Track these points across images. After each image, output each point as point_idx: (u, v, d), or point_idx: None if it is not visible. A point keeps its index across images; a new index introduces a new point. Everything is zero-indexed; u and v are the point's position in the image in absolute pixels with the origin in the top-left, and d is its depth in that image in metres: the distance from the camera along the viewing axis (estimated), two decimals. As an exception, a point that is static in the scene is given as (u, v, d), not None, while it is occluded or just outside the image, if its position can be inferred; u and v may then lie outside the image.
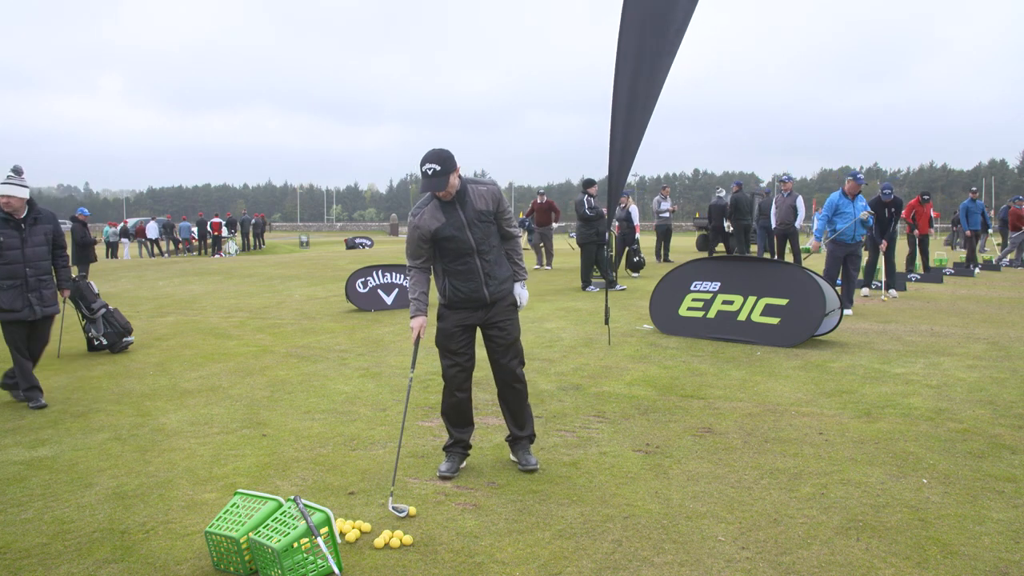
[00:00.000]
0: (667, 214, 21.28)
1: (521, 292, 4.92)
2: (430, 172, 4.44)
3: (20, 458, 5.32)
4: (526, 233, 21.89)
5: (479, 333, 4.88)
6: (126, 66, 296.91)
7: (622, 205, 17.35)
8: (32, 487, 4.73)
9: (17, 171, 6.59)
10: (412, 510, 4.22)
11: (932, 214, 18.04)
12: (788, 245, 16.67)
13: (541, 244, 19.24)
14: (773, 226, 16.70)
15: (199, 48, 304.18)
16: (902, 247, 16.81)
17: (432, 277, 4.84)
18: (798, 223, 16.26)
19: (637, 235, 17.67)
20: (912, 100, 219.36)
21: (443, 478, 4.74)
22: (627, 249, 17.37)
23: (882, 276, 13.36)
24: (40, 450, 5.49)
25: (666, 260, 20.91)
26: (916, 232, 16.91)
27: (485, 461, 5.01)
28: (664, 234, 21.56)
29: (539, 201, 18.91)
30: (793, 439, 5.30)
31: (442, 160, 4.46)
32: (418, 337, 4.84)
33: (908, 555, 3.57)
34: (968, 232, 19.51)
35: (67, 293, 7.42)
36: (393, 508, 4.21)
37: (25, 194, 6.60)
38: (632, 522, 4.00)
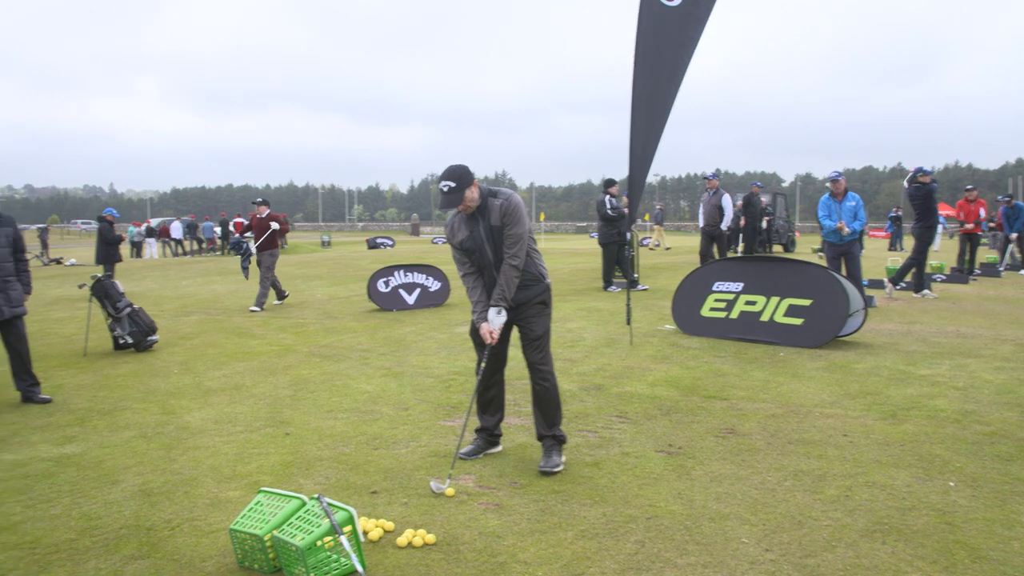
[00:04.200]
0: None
1: (494, 318, 4.73)
2: (445, 189, 4.55)
3: (49, 455, 5.38)
4: None
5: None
6: (161, 69, 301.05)
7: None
8: (60, 483, 4.79)
9: None
10: (450, 491, 4.40)
11: (981, 212, 17.58)
12: (715, 248, 15.16)
13: None
14: (700, 226, 15.56)
15: (231, 52, 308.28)
16: (950, 246, 16.45)
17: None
18: (724, 224, 14.86)
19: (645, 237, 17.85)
20: (936, 99, 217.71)
21: (461, 458, 4.92)
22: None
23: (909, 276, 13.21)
24: (68, 447, 5.56)
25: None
26: (964, 230, 16.61)
27: (508, 461, 5.01)
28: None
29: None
30: (817, 441, 5.26)
31: (457, 176, 4.54)
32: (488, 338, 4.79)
33: (935, 559, 3.53)
34: (1013, 236, 19.08)
35: (27, 298, 7.14)
36: (434, 485, 4.42)
37: None
38: (655, 523, 3.98)
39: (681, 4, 8.05)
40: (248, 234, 14.18)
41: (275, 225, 13.54)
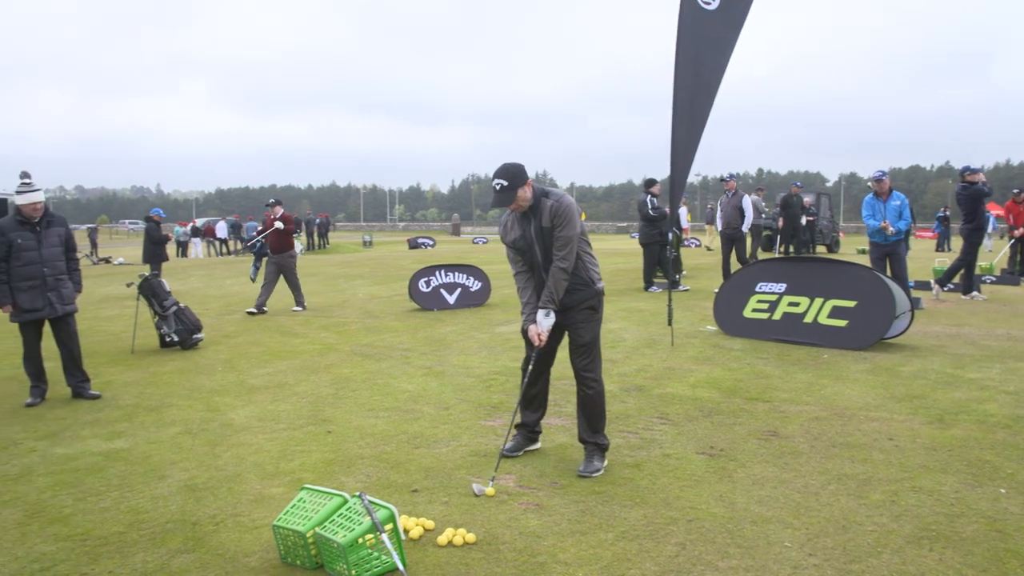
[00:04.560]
0: (764, 215, 21.53)
1: (542, 320, 4.72)
2: (498, 188, 4.54)
3: (98, 449, 5.51)
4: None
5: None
6: (208, 71, 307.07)
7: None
8: (109, 477, 4.90)
9: (27, 175, 6.82)
10: (490, 491, 4.42)
11: None
12: (734, 252, 14.51)
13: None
14: (719, 229, 15.09)
15: (276, 54, 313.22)
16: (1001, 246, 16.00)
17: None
18: (745, 226, 14.32)
19: (686, 237, 17.81)
20: (987, 96, 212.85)
21: (503, 456, 4.94)
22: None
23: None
24: (116, 442, 5.68)
25: (752, 258, 20.77)
26: (1018, 232, 16.22)
27: (548, 461, 5.01)
28: (758, 234, 21.65)
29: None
30: (862, 444, 5.18)
31: (510, 175, 4.52)
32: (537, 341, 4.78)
33: (985, 567, 3.45)
34: None
35: (78, 296, 7.30)
36: (476, 487, 4.45)
37: (43, 197, 6.88)
38: (696, 525, 3.96)
39: (719, 8, 8.25)
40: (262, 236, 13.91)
41: (279, 224, 13.15)
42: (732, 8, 8.35)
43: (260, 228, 13.94)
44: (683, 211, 17.58)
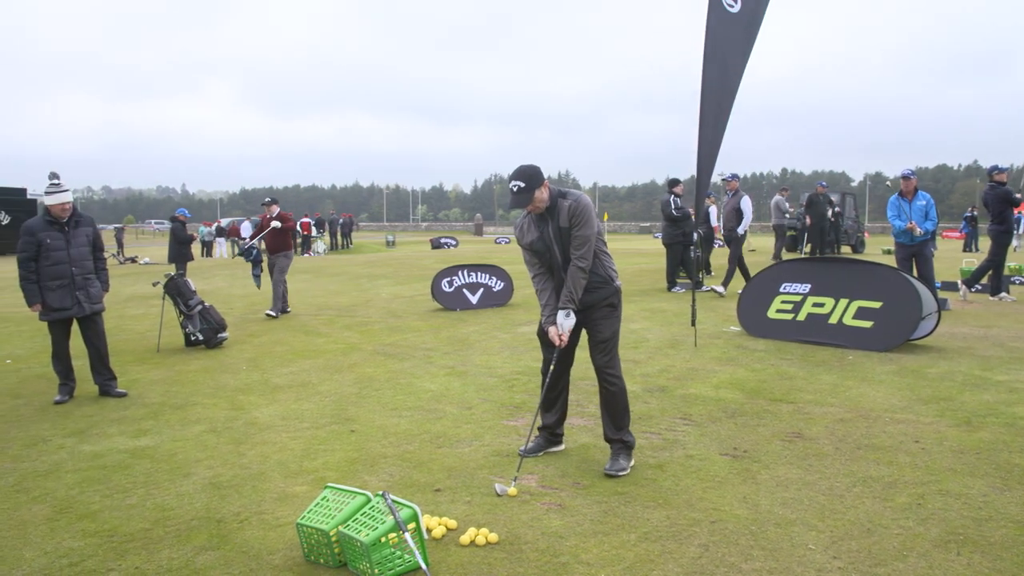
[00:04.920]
0: (788, 215, 21.34)
1: (562, 321, 4.71)
2: (515, 189, 4.57)
3: (124, 447, 5.57)
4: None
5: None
6: (232, 73, 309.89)
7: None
8: (135, 475, 4.95)
9: (56, 176, 6.91)
10: (512, 490, 4.43)
11: None
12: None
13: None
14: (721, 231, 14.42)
15: (299, 55, 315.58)
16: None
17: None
18: (741, 228, 13.45)
19: (716, 236, 17.71)
20: (1015, 94, 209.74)
21: (521, 455, 4.98)
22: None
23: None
24: (142, 440, 5.74)
25: (776, 259, 20.65)
26: None
27: (570, 462, 5.01)
28: (783, 234, 21.55)
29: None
30: (887, 447, 5.13)
31: (527, 177, 4.55)
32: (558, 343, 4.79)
33: (1015, 573, 3.41)
34: None
35: (105, 295, 7.38)
36: (498, 488, 4.46)
37: (72, 197, 6.99)
38: (719, 527, 3.94)
39: (741, 9, 8.40)
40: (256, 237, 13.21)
41: (276, 224, 12.67)
42: (752, 11, 8.52)
43: (254, 230, 13.15)
44: (712, 210, 17.52)
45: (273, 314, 12.29)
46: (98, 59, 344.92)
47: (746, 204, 13.72)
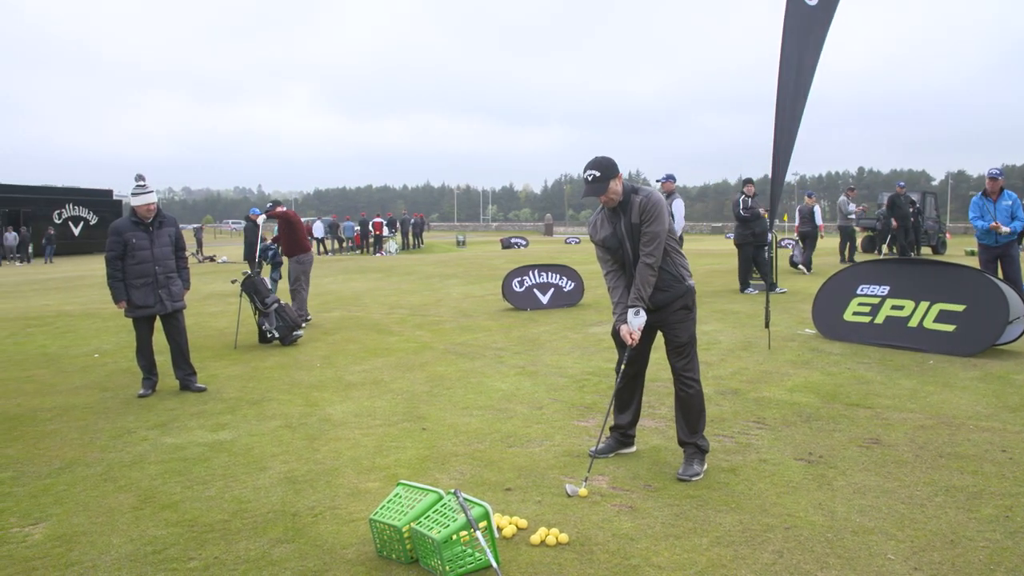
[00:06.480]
0: (853, 216, 21.01)
1: (632, 319, 4.65)
2: (590, 178, 4.54)
3: (204, 440, 5.74)
4: None
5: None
6: (311, 76, 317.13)
7: (806, 204, 18.06)
8: (214, 467, 5.10)
9: (142, 177, 7.14)
10: (583, 491, 4.42)
11: None
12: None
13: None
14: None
15: (375, 58, 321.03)
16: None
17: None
18: (679, 231, 12.27)
19: (821, 234, 17.93)
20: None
21: (592, 456, 4.95)
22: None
23: None
24: (221, 433, 5.90)
25: (850, 261, 20.17)
26: None
27: (641, 464, 4.97)
28: (849, 235, 21.06)
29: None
30: (971, 455, 4.96)
31: (603, 167, 4.53)
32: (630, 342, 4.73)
33: (1107, 588, 3.26)
34: None
35: (186, 293, 7.54)
36: (569, 488, 4.46)
37: (156, 198, 7.26)
38: (794, 533, 3.86)
39: (819, 3, 8.26)
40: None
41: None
42: (829, 4, 8.38)
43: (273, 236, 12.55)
44: (816, 209, 17.51)
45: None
46: (183, 65, 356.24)
47: (677, 207, 12.69)
